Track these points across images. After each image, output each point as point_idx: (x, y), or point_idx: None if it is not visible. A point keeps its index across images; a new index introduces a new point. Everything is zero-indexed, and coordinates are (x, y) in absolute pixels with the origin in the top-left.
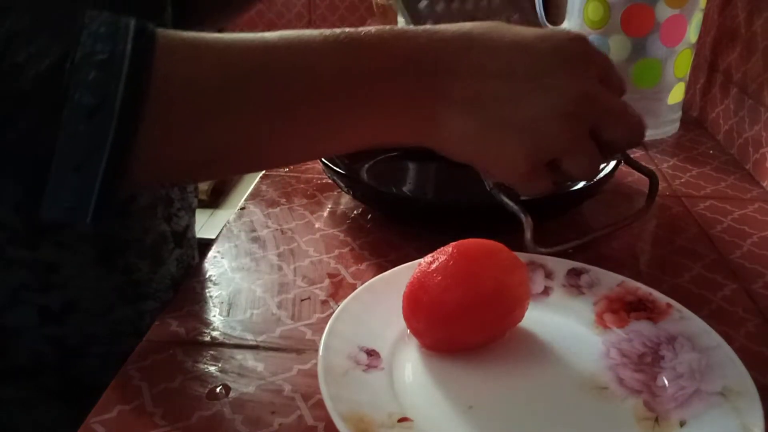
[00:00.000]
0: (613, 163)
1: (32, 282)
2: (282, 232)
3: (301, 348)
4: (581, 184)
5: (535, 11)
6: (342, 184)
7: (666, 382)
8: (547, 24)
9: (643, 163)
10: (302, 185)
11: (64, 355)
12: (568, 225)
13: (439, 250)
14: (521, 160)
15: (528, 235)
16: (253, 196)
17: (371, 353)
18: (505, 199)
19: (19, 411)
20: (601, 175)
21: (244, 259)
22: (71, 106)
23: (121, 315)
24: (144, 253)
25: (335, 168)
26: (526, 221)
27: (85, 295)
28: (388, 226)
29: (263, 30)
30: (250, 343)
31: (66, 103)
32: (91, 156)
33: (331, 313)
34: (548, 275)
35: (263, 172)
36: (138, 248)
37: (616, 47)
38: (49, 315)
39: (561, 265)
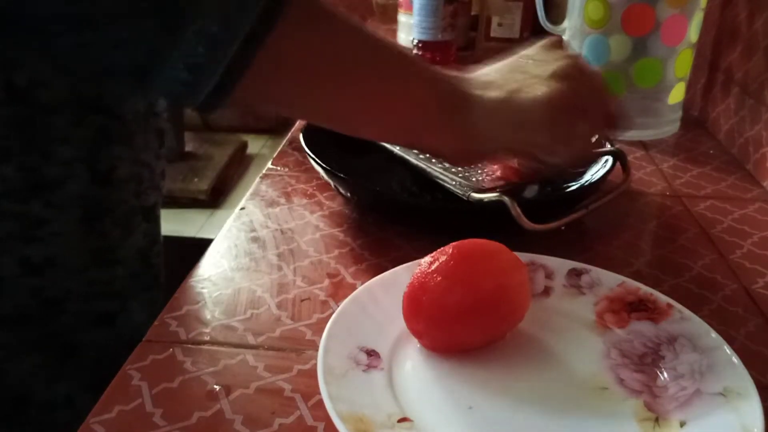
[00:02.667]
0: (608, 165)
1: (17, 234)
2: (282, 232)
3: (301, 348)
4: (577, 186)
5: None
6: (334, 185)
7: (666, 382)
8: (548, 24)
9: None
10: (302, 185)
11: (43, 307)
12: (569, 227)
13: (439, 250)
14: (552, 94)
15: (516, 212)
16: (253, 196)
17: (371, 353)
18: (484, 195)
19: (7, 356)
20: (597, 176)
21: (244, 259)
22: None
23: (94, 276)
24: (117, 221)
25: (327, 167)
26: (510, 202)
27: (64, 252)
28: (388, 226)
29: None
30: (250, 343)
31: None
32: (237, 18)
33: (331, 313)
34: (549, 275)
35: (263, 171)
36: (113, 217)
37: (616, 47)
38: (30, 267)
39: (561, 266)
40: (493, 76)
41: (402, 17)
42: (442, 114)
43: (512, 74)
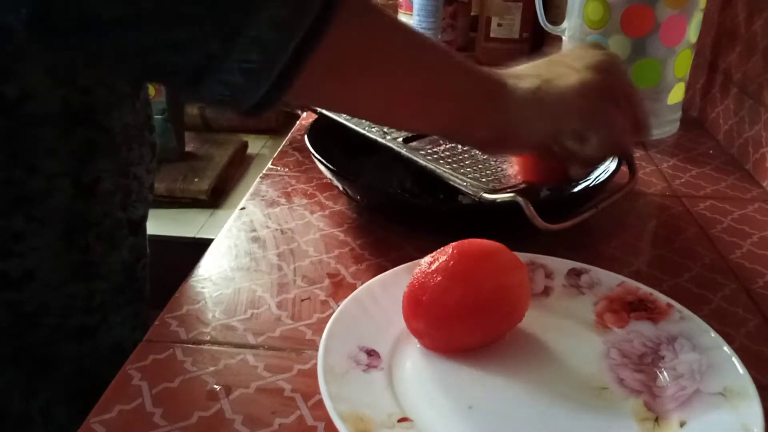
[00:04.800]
0: (615, 163)
1: None
2: (282, 232)
3: (301, 348)
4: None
5: None
6: (342, 187)
7: (666, 382)
8: (547, 24)
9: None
10: (302, 185)
11: (18, 322)
12: (575, 227)
13: (439, 250)
14: (586, 82)
15: (530, 212)
16: (253, 196)
17: (371, 353)
18: (497, 195)
19: None
20: (603, 177)
21: (244, 259)
22: None
23: (74, 290)
24: (101, 235)
25: (336, 170)
26: (524, 203)
27: (43, 267)
28: (388, 226)
29: None
30: (251, 342)
31: None
32: (294, 22)
33: (331, 313)
34: (548, 275)
35: (264, 171)
36: (97, 230)
37: (616, 47)
38: (7, 281)
39: (561, 265)
40: (526, 69)
41: (402, 17)
42: (481, 103)
43: (547, 66)
